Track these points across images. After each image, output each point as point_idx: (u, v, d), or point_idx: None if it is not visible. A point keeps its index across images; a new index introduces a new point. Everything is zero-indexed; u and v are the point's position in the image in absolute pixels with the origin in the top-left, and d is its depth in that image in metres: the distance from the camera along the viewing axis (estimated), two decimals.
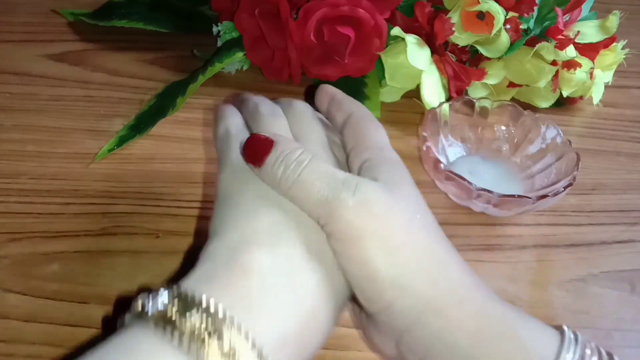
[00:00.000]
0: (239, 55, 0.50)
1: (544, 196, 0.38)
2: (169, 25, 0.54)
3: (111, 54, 0.54)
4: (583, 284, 0.39)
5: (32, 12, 0.58)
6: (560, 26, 0.45)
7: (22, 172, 0.43)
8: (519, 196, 0.38)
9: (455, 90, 0.47)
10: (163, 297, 0.22)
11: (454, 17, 0.45)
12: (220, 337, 0.21)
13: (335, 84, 0.49)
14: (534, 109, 0.49)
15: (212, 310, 0.21)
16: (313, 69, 0.49)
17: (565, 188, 0.39)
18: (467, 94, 0.48)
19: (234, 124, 0.31)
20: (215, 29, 0.51)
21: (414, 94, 0.48)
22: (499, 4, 0.44)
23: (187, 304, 0.22)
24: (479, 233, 0.41)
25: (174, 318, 0.21)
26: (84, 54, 0.54)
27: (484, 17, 0.45)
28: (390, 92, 0.50)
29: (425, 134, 0.42)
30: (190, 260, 0.28)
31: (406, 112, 0.49)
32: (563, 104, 0.51)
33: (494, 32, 0.44)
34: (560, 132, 0.43)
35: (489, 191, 0.38)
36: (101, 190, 0.42)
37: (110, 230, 0.40)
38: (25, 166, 0.44)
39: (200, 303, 0.22)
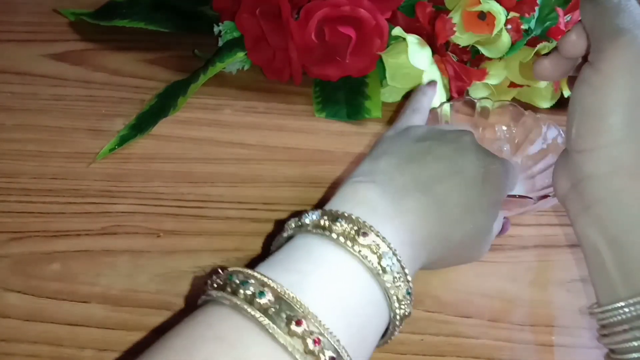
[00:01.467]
0: (240, 55, 0.50)
1: (545, 196, 0.38)
2: (170, 25, 0.54)
3: (112, 53, 0.54)
4: (583, 284, 0.39)
5: (34, 12, 0.58)
6: (562, 26, 0.45)
7: (23, 171, 0.43)
8: (520, 196, 0.38)
9: (457, 91, 0.47)
10: (314, 215, 0.28)
11: (455, 17, 0.45)
12: (365, 235, 0.27)
13: (336, 84, 0.49)
14: (535, 109, 0.48)
15: (354, 218, 0.28)
16: (314, 69, 0.49)
17: None
18: (468, 94, 0.48)
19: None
20: (216, 29, 0.51)
21: None
22: (500, 4, 0.44)
23: (335, 216, 0.28)
24: None
25: (327, 225, 0.27)
26: (85, 53, 0.54)
27: (485, 17, 0.45)
28: (392, 92, 0.50)
29: None
30: None
31: None
32: (564, 104, 0.51)
33: (495, 32, 0.44)
34: (561, 132, 0.43)
35: None
36: (102, 189, 0.42)
37: (111, 229, 0.40)
38: (26, 165, 0.44)
39: (344, 215, 0.28)
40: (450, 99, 0.47)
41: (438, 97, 0.47)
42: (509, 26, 0.45)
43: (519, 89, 0.49)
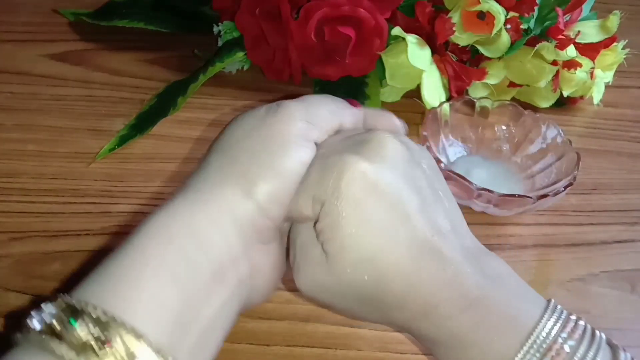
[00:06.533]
0: (240, 55, 0.50)
1: (544, 196, 0.38)
2: (170, 25, 0.54)
3: (112, 53, 0.54)
4: (583, 283, 0.39)
5: (34, 12, 0.58)
6: (561, 26, 0.45)
7: (23, 171, 0.43)
8: (520, 196, 0.38)
9: (456, 90, 0.47)
10: (49, 308, 0.21)
11: (455, 17, 0.45)
12: (111, 344, 0.20)
13: (336, 84, 0.49)
14: (534, 108, 0.48)
15: (96, 315, 0.20)
16: (314, 69, 0.49)
17: (565, 188, 0.39)
18: (467, 93, 0.48)
19: None
20: (216, 29, 0.51)
21: (415, 93, 0.48)
22: (500, 4, 0.44)
23: (73, 313, 0.21)
24: (479, 233, 0.41)
25: (58, 330, 0.20)
26: (85, 53, 0.54)
27: (484, 17, 0.45)
28: (391, 92, 0.50)
29: (425, 133, 0.42)
30: None
31: (407, 111, 0.49)
32: (563, 103, 0.51)
33: (494, 32, 0.44)
34: (560, 132, 0.43)
35: (489, 191, 0.38)
36: (102, 189, 0.42)
37: (111, 229, 0.40)
38: (26, 165, 0.44)
39: (84, 310, 0.20)
40: (449, 98, 0.47)
41: (438, 96, 0.47)
42: (509, 26, 0.45)
43: (519, 89, 0.49)
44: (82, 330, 0.20)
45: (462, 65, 0.47)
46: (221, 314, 0.24)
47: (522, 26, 0.45)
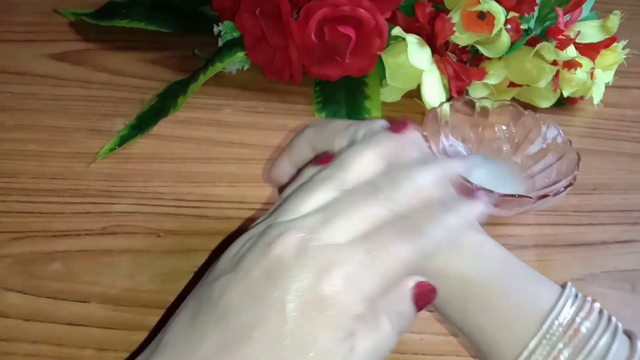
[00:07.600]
0: (240, 55, 0.50)
1: (545, 196, 0.38)
2: (170, 25, 0.54)
3: (112, 53, 0.54)
4: (584, 283, 0.39)
5: (34, 12, 0.58)
6: (561, 26, 0.45)
7: (23, 171, 0.43)
8: (520, 196, 0.38)
9: (456, 90, 0.47)
10: None
11: (455, 17, 0.45)
12: None
13: (336, 84, 0.49)
14: (534, 108, 0.49)
15: None
16: (314, 69, 0.49)
17: (565, 188, 0.39)
18: (467, 93, 0.48)
19: None
20: (216, 29, 0.51)
21: (415, 93, 0.48)
22: (500, 4, 0.44)
23: None
24: None
25: None
26: (85, 53, 0.54)
27: (484, 17, 0.45)
28: (391, 92, 0.50)
29: (425, 133, 0.42)
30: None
31: (407, 112, 0.49)
32: (564, 104, 0.51)
33: (494, 32, 0.44)
34: (560, 132, 0.43)
35: (489, 191, 0.38)
36: (102, 189, 0.42)
37: (111, 229, 0.40)
38: (26, 165, 0.44)
39: None
40: (450, 98, 0.47)
41: (438, 96, 0.47)
42: (509, 26, 0.45)
43: (519, 89, 0.49)
44: None
45: (462, 65, 0.47)
46: None
47: (522, 26, 0.46)
